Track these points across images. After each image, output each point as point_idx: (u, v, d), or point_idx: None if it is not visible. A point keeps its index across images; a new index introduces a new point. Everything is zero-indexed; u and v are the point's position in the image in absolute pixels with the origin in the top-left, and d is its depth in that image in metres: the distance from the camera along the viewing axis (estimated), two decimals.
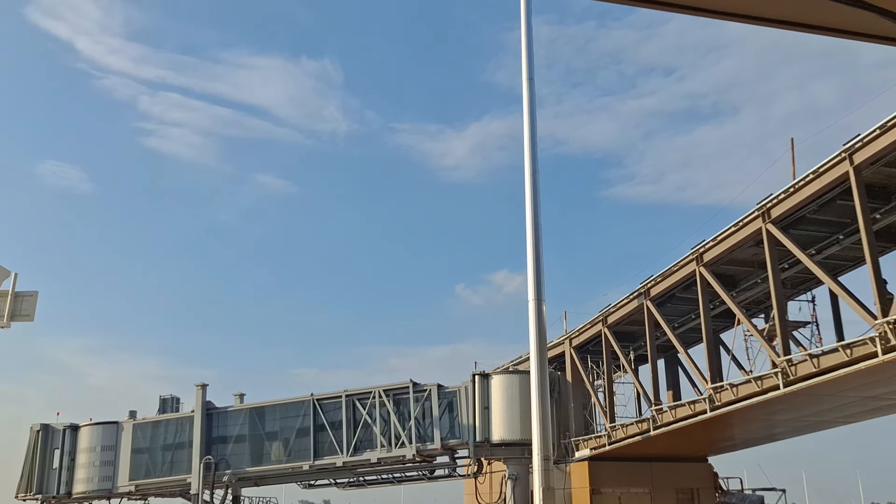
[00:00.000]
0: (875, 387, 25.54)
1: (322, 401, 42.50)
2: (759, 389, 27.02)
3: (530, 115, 35.02)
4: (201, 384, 44.32)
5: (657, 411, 33.54)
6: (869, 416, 33.10)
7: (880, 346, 21.36)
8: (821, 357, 24.34)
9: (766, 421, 32.92)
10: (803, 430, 37.89)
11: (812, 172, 23.95)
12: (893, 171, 23.32)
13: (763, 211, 26.16)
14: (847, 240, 26.57)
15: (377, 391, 41.40)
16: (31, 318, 23.68)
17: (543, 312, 34.34)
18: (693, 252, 30.47)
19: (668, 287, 32.96)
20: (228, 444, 43.36)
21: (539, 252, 35.17)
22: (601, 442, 37.81)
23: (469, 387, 40.10)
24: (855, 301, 23.14)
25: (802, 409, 30.02)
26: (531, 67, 35.17)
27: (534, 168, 35.24)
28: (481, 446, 39.22)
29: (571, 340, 42.08)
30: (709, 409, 29.70)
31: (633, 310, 35.56)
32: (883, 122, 21.05)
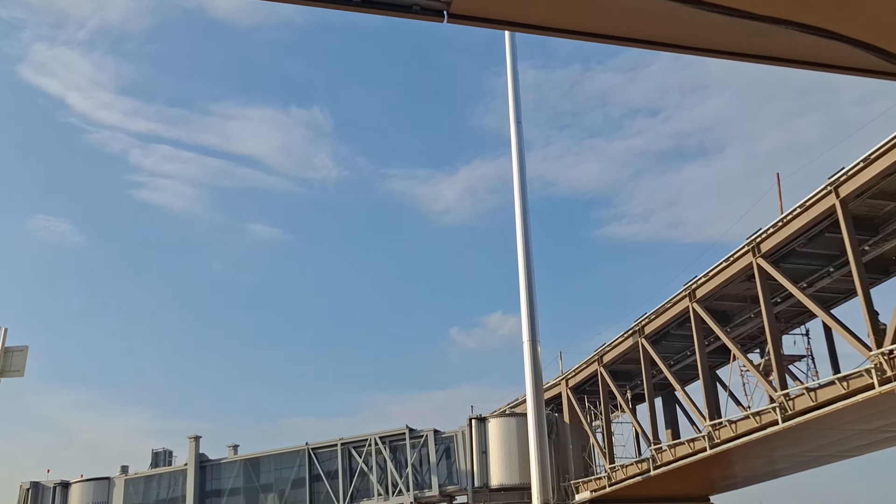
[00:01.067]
0: (874, 419, 25.42)
1: (317, 450, 41.97)
2: (758, 425, 26.86)
3: (519, 158, 35.46)
4: (194, 436, 43.75)
5: (656, 450, 33.24)
6: (870, 449, 32.85)
7: (876, 377, 21.35)
8: (818, 391, 24.29)
9: (766, 457, 32.62)
10: (805, 466, 37.51)
11: (799, 206, 24.22)
12: (879, 203, 23.60)
13: (753, 246, 26.36)
14: (837, 272, 26.73)
15: (373, 438, 40.94)
16: (21, 374, 23.43)
17: (538, 353, 34.23)
18: (685, 288, 30.57)
19: (662, 324, 32.97)
20: (223, 498, 42.61)
21: (532, 293, 35.22)
22: (601, 484, 37.32)
23: (466, 431, 39.72)
24: (849, 333, 23.18)
25: (803, 444, 29.80)
26: (518, 110, 35.73)
27: (524, 209, 35.55)
28: (480, 492, 38.68)
29: (568, 381, 41.84)
30: (708, 447, 29.46)
31: (628, 348, 35.48)
32: (866, 155, 21.40)
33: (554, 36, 3.64)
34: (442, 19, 3.44)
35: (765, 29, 3.33)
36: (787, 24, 3.28)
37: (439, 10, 3.36)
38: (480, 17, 3.45)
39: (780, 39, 3.58)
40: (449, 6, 3.31)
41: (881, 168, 21.09)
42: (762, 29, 3.33)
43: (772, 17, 3.24)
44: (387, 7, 3.29)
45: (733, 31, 3.56)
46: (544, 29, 3.61)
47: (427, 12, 3.37)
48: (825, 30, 3.30)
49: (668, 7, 3.17)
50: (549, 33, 3.61)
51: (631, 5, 3.30)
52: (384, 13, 3.33)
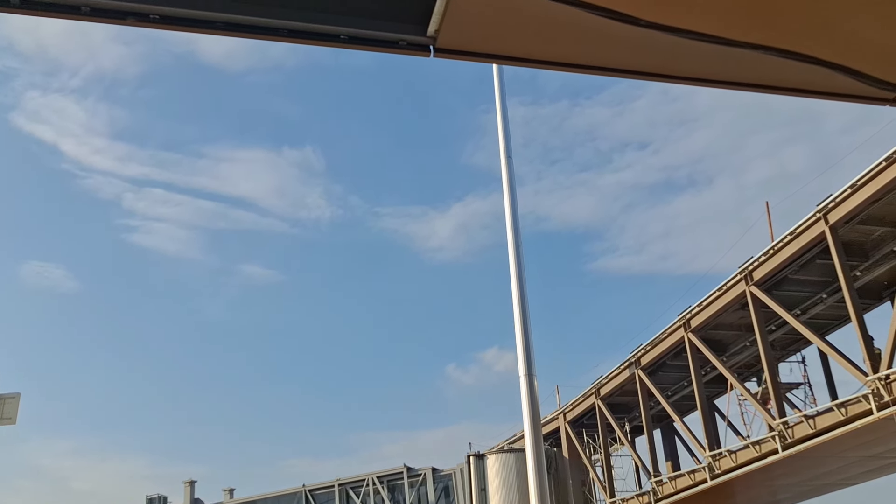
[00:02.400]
0: (873, 445, 25.29)
1: (314, 491, 41.38)
2: (758, 454, 26.68)
3: (510, 193, 35.72)
4: (189, 481, 43.11)
5: (657, 483, 32.91)
6: (870, 476, 32.60)
7: (874, 403, 21.29)
8: (816, 418, 24.19)
9: (768, 487, 32.33)
10: (807, 495, 37.15)
11: (789, 234, 24.39)
12: (868, 229, 23.78)
13: (745, 274, 26.46)
14: (830, 298, 26.80)
15: (371, 478, 40.42)
16: (13, 421, 23.14)
17: (535, 388, 34.03)
18: (680, 318, 30.57)
19: (658, 355, 32.89)
20: None
21: (527, 327, 35.17)
22: None
23: (464, 469, 39.25)
24: (844, 359, 23.18)
25: (803, 473, 29.57)
26: (508, 146, 36.07)
27: (517, 244, 35.69)
28: None
29: (565, 415, 41.53)
30: (709, 478, 29.20)
31: (625, 380, 35.33)
32: (853, 182, 21.63)
33: (538, 68, 3.69)
34: (428, 54, 3.49)
35: (747, 56, 3.39)
36: (765, 49, 3.33)
37: (425, 45, 3.40)
38: (466, 50, 3.50)
39: (763, 66, 3.64)
40: (435, 41, 3.35)
41: (868, 194, 21.31)
42: (744, 56, 3.38)
43: (750, 43, 3.29)
44: (373, 43, 3.33)
45: (716, 59, 3.62)
46: (530, 61, 3.66)
47: (413, 47, 3.41)
48: (804, 55, 3.36)
49: (650, 36, 3.23)
50: (534, 65, 3.66)
51: (614, 36, 3.36)
52: (371, 49, 3.38)
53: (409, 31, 3.31)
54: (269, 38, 3.24)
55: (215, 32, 3.15)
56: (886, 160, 20.54)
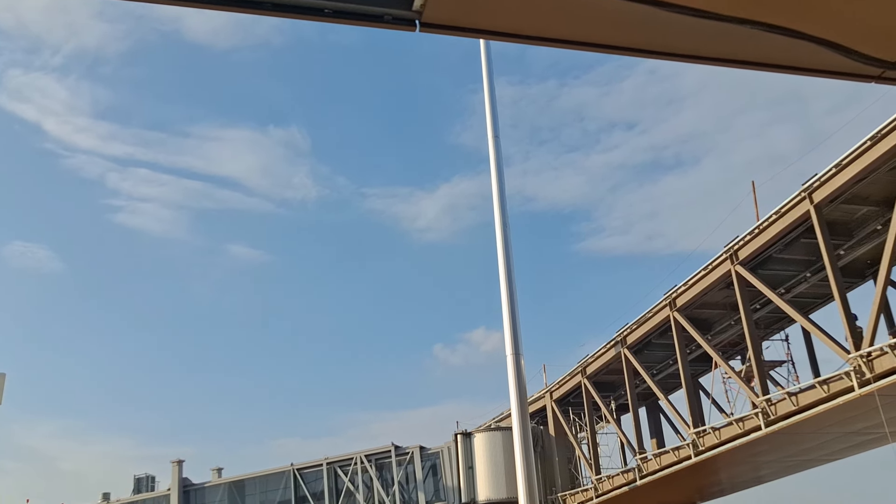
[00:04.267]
0: (855, 421, 25.64)
1: (303, 470, 41.55)
2: (742, 431, 27.01)
3: (498, 173, 35.63)
4: (177, 460, 43.16)
5: (642, 460, 33.28)
6: (853, 451, 33.10)
7: (856, 380, 21.56)
8: (799, 395, 24.48)
9: (751, 463, 32.76)
10: (790, 471, 37.72)
11: (775, 213, 24.51)
12: (852, 208, 23.94)
13: (731, 253, 26.61)
14: (814, 277, 27.04)
15: (359, 457, 40.62)
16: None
17: (522, 367, 34.21)
18: (666, 298, 30.76)
19: (643, 334, 33.12)
20: None
21: (514, 307, 35.26)
22: (588, 495, 37.28)
23: (452, 447, 39.53)
24: (827, 337, 23.43)
25: (786, 449, 29.98)
26: (496, 125, 35.94)
27: (504, 224, 35.67)
28: None
29: (552, 394, 41.84)
30: (693, 455, 29.55)
31: (611, 359, 35.59)
32: (838, 161, 21.73)
33: (526, 43, 3.66)
34: (414, 29, 3.44)
35: (734, 31, 3.37)
36: (753, 24, 3.32)
37: (411, 19, 3.36)
38: (453, 25, 3.45)
39: (751, 42, 3.62)
40: (421, 15, 3.31)
41: (853, 173, 21.43)
42: (731, 31, 3.37)
43: (737, 17, 3.27)
44: (358, 17, 3.28)
45: (704, 35, 3.60)
46: (517, 37, 3.63)
47: (399, 22, 3.37)
48: (792, 30, 3.35)
49: (638, 11, 3.20)
50: (521, 41, 3.63)
51: (602, 10, 3.33)
52: (355, 23, 3.33)
53: (394, 5, 3.27)
54: (253, 12, 3.19)
55: (197, 6, 3.09)
56: (871, 139, 20.64)
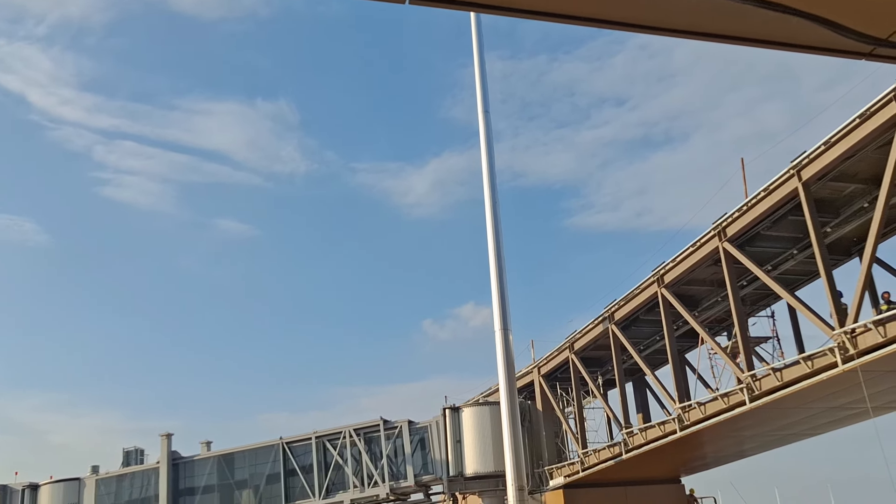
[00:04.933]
0: (837, 397, 25.99)
1: (291, 444, 41.76)
2: (726, 406, 27.32)
3: (487, 148, 35.45)
4: (166, 434, 43.27)
5: (628, 434, 33.66)
6: (835, 426, 33.60)
7: (839, 356, 21.80)
8: (783, 370, 24.74)
9: (735, 437, 33.21)
10: (773, 445, 38.28)
11: (763, 190, 24.58)
12: (840, 186, 24.04)
13: (719, 230, 26.72)
14: (801, 254, 27.22)
15: (347, 431, 40.85)
16: None
17: (510, 342, 34.38)
18: (654, 274, 30.91)
19: (631, 310, 33.32)
20: (196, 495, 42.23)
21: (503, 283, 35.33)
22: (574, 469, 37.72)
23: (440, 421, 39.81)
24: (812, 313, 23.65)
25: (770, 423, 30.38)
26: (486, 100, 35.72)
27: (494, 200, 35.58)
28: (455, 480, 38.84)
29: (540, 369, 42.13)
30: (678, 429, 29.90)
31: (598, 335, 35.82)
32: (827, 139, 21.77)
33: (516, 16, 3.63)
34: (404, 1, 3.41)
35: (726, 7, 3.36)
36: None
37: None
38: None
39: (743, 18, 3.61)
40: None
41: (842, 150, 21.49)
42: (723, 6, 3.35)
43: None
44: None
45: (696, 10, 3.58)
46: (507, 10, 3.59)
47: None
48: (784, 5, 3.33)
49: None
50: (511, 14, 3.60)
51: None
52: None
53: None
54: None
55: None
56: (860, 117, 20.67)
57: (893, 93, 19.59)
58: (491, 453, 38.21)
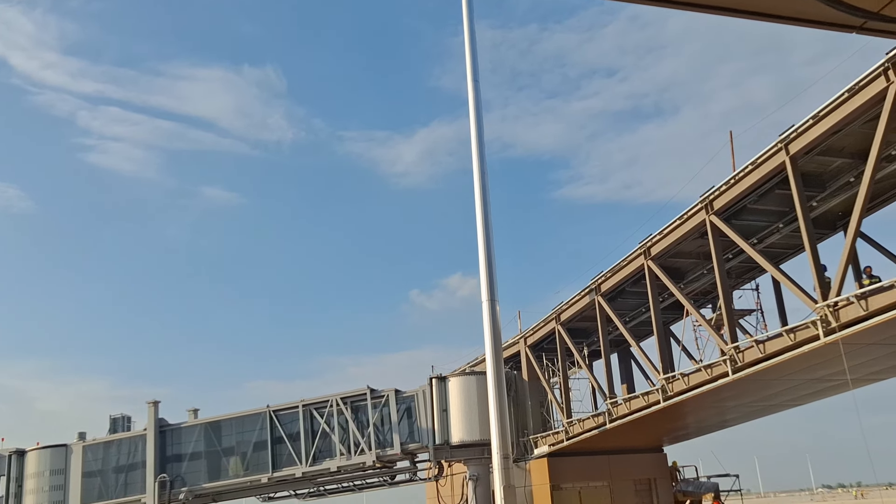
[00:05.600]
0: (818, 369, 26.37)
1: (278, 412, 41.96)
2: (710, 377, 27.67)
3: (477, 118, 35.24)
4: (153, 401, 43.34)
5: (612, 404, 34.05)
6: (816, 397, 34.16)
7: (821, 328, 22.08)
8: (766, 343, 25.05)
9: (717, 408, 33.70)
10: (754, 415, 38.90)
11: (751, 163, 24.65)
12: (827, 160, 24.15)
13: (706, 203, 26.82)
14: (786, 228, 27.41)
15: (334, 399, 41.07)
16: None
17: (497, 313, 34.50)
18: (641, 246, 31.06)
19: (618, 282, 33.53)
20: (184, 462, 42.46)
21: (491, 254, 35.35)
22: (559, 438, 38.19)
23: (427, 390, 40.09)
24: (796, 287, 23.88)
25: (752, 395, 30.83)
26: (476, 69, 35.42)
27: (482, 170, 35.43)
28: (441, 449, 39.24)
29: (526, 339, 42.43)
30: (662, 400, 30.29)
31: (585, 306, 36.06)
32: (815, 112, 21.79)
33: None
34: None
35: None
36: None
37: None
38: None
39: None
40: None
41: (830, 125, 21.54)
42: None
43: None
44: None
45: None
46: None
47: None
48: None
49: None
50: None
51: None
52: None
53: None
54: None
55: None
56: (849, 91, 20.70)
57: (883, 67, 19.60)
58: (477, 422, 38.59)
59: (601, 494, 38.88)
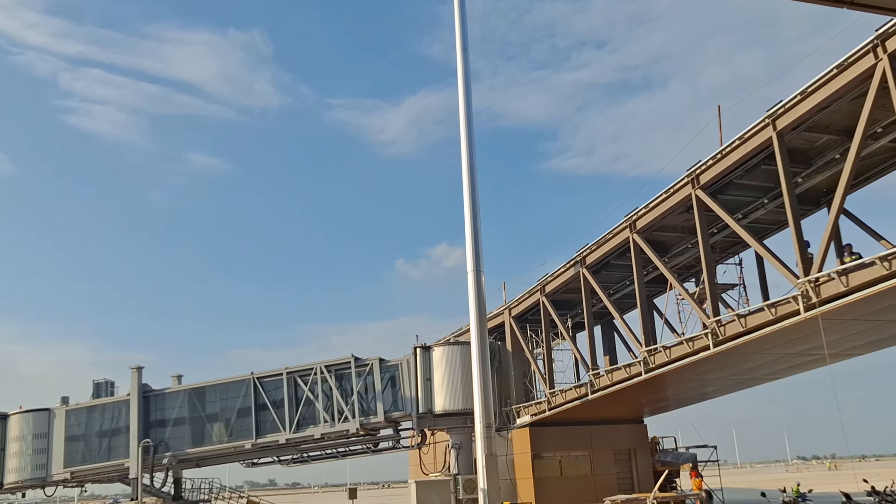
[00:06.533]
0: (798, 343, 26.71)
1: (263, 379, 42.10)
2: (691, 350, 27.96)
3: (465, 86, 34.93)
4: (136, 367, 43.35)
5: (594, 376, 34.40)
6: (793, 371, 34.66)
7: (802, 304, 22.31)
8: (747, 317, 25.30)
9: (697, 380, 34.13)
10: (733, 388, 39.45)
11: (738, 138, 24.67)
12: (814, 136, 24.21)
13: (692, 177, 26.87)
14: (771, 203, 27.55)
15: (319, 367, 41.24)
16: None
17: (482, 284, 34.55)
18: (626, 219, 31.14)
19: (603, 255, 33.66)
20: (167, 427, 42.61)
21: (477, 224, 35.29)
22: (541, 408, 38.60)
23: (411, 359, 40.31)
24: (779, 262, 24.07)
25: (732, 368, 31.22)
26: (465, 37, 35.04)
27: (470, 140, 35.22)
28: (424, 417, 39.59)
29: (511, 310, 42.64)
30: (644, 372, 30.61)
31: (569, 278, 36.22)
32: (803, 88, 21.79)
33: None
34: None
35: None
36: None
37: None
38: None
39: None
40: None
41: (818, 101, 21.55)
42: None
43: None
44: None
45: None
46: None
47: None
48: None
49: None
50: None
51: None
52: None
53: None
54: None
55: None
56: (838, 67, 20.69)
57: (872, 44, 19.59)
58: (460, 392, 38.92)
59: (581, 464, 39.47)
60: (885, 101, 19.74)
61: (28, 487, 43.78)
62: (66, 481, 43.23)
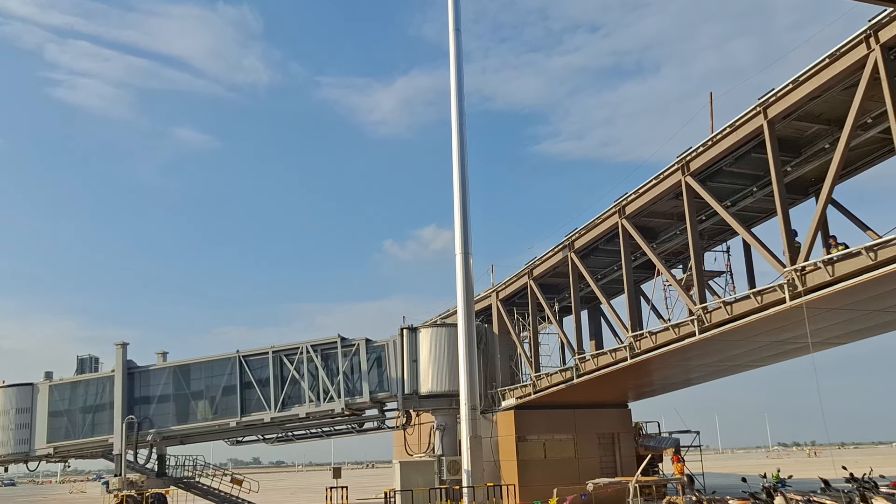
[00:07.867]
0: (783, 331, 26.89)
1: (248, 357, 42.02)
2: (677, 336, 28.11)
3: (457, 67, 34.76)
4: (121, 343, 43.15)
5: (580, 360, 34.54)
6: (778, 359, 34.94)
7: (788, 292, 22.44)
8: (734, 304, 25.42)
9: (682, 366, 34.34)
10: (717, 374, 39.75)
11: (729, 126, 24.66)
12: (804, 125, 24.24)
13: (682, 164, 26.87)
14: (760, 192, 27.62)
15: (305, 346, 41.17)
16: None
17: (470, 266, 34.65)
18: (615, 205, 31.15)
19: (591, 239, 33.69)
20: (152, 404, 42.50)
21: (466, 207, 35.32)
22: (526, 391, 38.76)
23: (397, 340, 40.30)
24: (766, 250, 24.16)
25: (716, 354, 31.42)
26: (458, 17, 34.78)
27: (461, 122, 35.15)
28: (410, 398, 39.66)
29: (498, 293, 42.68)
30: (629, 357, 30.76)
31: (557, 262, 36.26)
32: (795, 77, 21.77)
33: None
34: None
35: None
36: None
37: None
38: None
39: None
40: None
41: (809, 90, 21.54)
42: None
43: None
44: None
45: None
46: None
47: None
48: None
49: None
50: None
51: None
52: None
53: None
54: None
55: None
56: (830, 57, 20.66)
57: (864, 34, 19.55)
58: (446, 373, 38.97)
59: (565, 447, 39.73)
60: (876, 92, 19.75)
61: (10, 462, 43.65)
62: (49, 456, 43.12)
